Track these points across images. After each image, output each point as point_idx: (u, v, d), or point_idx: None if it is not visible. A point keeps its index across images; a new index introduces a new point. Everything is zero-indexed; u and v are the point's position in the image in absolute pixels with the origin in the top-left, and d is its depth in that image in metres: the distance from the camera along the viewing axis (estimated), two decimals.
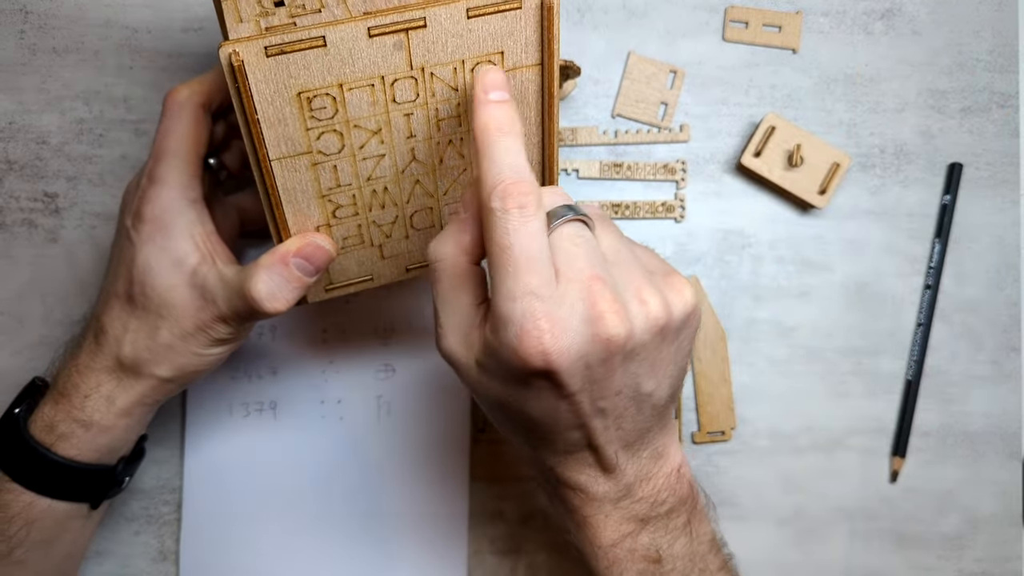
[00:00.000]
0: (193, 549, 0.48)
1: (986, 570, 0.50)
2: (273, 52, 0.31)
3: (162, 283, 0.37)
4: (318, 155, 0.35)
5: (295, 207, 0.36)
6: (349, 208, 0.37)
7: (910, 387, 0.50)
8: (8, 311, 0.48)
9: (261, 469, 0.48)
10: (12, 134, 0.49)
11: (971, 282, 0.51)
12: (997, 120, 0.51)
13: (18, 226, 0.49)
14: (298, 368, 0.49)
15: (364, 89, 0.33)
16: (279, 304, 0.36)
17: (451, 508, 0.48)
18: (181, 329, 0.38)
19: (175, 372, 0.39)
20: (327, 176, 0.36)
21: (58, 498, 0.39)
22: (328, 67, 0.32)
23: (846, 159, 0.49)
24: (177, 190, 0.37)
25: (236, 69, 0.31)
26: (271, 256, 0.36)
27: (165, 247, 0.37)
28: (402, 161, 0.36)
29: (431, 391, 0.49)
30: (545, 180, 0.38)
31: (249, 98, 0.32)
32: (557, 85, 0.35)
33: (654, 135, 0.50)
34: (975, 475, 0.50)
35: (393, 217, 0.38)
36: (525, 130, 0.36)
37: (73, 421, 0.38)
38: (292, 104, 0.33)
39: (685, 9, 0.51)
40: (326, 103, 0.33)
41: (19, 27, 0.49)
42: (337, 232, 0.38)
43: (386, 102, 0.34)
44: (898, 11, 0.51)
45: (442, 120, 0.36)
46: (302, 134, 0.34)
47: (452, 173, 0.38)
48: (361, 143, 0.35)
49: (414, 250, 0.40)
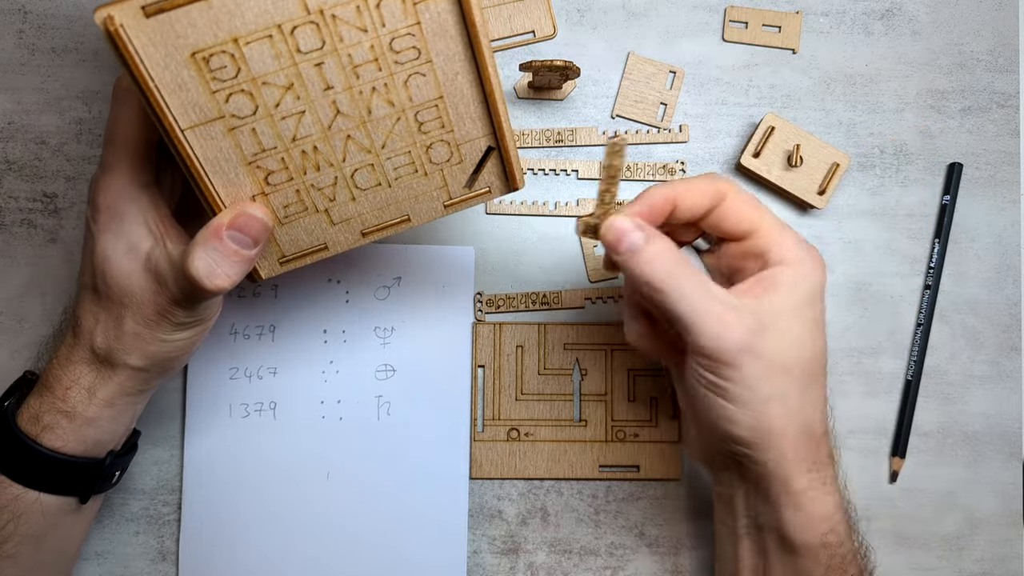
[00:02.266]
0: (193, 549, 0.48)
1: (986, 570, 0.50)
2: (152, 11, 0.29)
3: (119, 271, 0.37)
4: (232, 119, 0.33)
5: (223, 177, 0.34)
6: (281, 173, 0.35)
7: (910, 387, 0.50)
8: (8, 311, 0.48)
9: (261, 469, 0.48)
10: (11, 134, 0.49)
11: (971, 282, 0.51)
12: (997, 120, 0.51)
13: (18, 226, 0.49)
14: (298, 368, 0.49)
15: (262, 42, 0.31)
16: (220, 281, 0.35)
17: (451, 508, 0.48)
18: (143, 316, 0.37)
19: (146, 361, 0.38)
20: (248, 141, 0.33)
21: (45, 491, 0.39)
22: (216, 21, 0.30)
23: (845, 159, 0.49)
24: (127, 176, 0.37)
25: (113, 34, 0.29)
26: (204, 231, 0.35)
27: (120, 234, 0.37)
28: (325, 116, 0.34)
29: (431, 391, 0.49)
30: (492, 122, 0.36)
31: (136, 64, 0.30)
32: (478, 10, 0.32)
33: (653, 135, 0.50)
34: (975, 475, 0.50)
35: (332, 179, 0.36)
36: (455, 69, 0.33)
37: (57, 412, 0.38)
38: (188, 67, 0.31)
39: (685, 9, 0.51)
40: (225, 61, 0.31)
41: (18, 27, 0.49)
42: (275, 200, 0.36)
43: (290, 53, 0.32)
44: (898, 11, 0.51)
45: (358, 67, 0.33)
46: (208, 98, 0.32)
47: (386, 124, 0.35)
48: (275, 101, 0.33)
49: (365, 212, 0.37)
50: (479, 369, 0.49)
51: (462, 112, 0.35)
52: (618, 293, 0.50)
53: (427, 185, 0.37)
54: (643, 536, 0.49)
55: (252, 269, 0.37)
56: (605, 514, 0.49)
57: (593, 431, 0.49)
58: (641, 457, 0.49)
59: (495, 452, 0.49)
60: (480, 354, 0.49)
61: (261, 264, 0.37)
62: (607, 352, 0.49)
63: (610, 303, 0.50)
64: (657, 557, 0.49)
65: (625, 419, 0.49)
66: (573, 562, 0.49)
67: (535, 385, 0.49)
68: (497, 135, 0.36)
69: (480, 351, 0.49)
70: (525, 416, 0.49)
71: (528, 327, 0.49)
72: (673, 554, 0.49)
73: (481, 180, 0.38)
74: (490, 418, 0.49)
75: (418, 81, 0.34)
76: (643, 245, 0.36)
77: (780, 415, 0.36)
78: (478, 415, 0.49)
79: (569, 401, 0.49)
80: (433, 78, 0.34)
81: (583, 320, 0.50)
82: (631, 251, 0.36)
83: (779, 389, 0.36)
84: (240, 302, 0.49)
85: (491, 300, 0.49)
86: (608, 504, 0.49)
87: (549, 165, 0.50)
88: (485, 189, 0.38)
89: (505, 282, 0.50)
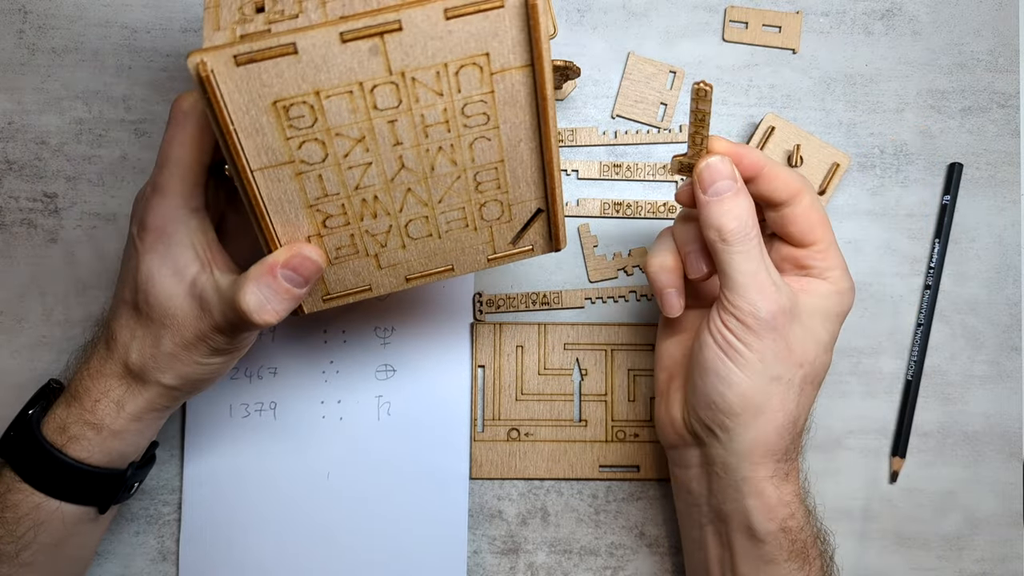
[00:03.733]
0: (193, 549, 0.48)
1: (986, 570, 0.50)
2: (243, 61, 0.30)
3: (163, 293, 0.37)
4: (301, 164, 0.34)
5: (282, 217, 0.35)
6: (339, 218, 0.36)
7: (910, 387, 0.50)
8: (8, 311, 0.48)
9: (261, 469, 0.48)
10: (11, 134, 0.49)
11: (971, 282, 0.51)
12: (997, 120, 0.51)
13: (18, 226, 0.49)
14: (298, 368, 0.49)
15: (342, 96, 0.32)
16: (268, 316, 0.35)
17: (451, 508, 0.48)
18: (182, 338, 0.37)
19: (179, 380, 0.39)
20: (313, 186, 0.35)
21: (67, 500, 0.39)
22: (302, 75, 0.31)
23: (845, 159, 0.49)
24: (179, 199, 0.37)
25: (204, 79, 0.30)
26: (259, 267, 0.35)
27: (166, 256, 0.37)
28: (390, 169, 0.35)
29: (431, 391, 0.49)
30: (546, 187, 0.38)
31: (221, 108, 0.31)
32: (550, 85, 0.34)
33: (654, 135, 0.50)
34: (975, 475, 0.50)
35: (387, 227, 0.37)
36: (519, 136, 0.35)
37: (84, 424, 0.38)
38: (268, 113, 0.32)
39: (685, 9, 0.51)
40: (304, 111, 0.32)
41: (18, 27, 0.49)
42: (329, 242, 0.37)
43: (367, 109, 0.33)
44: (898, 11, 0.51)
45: (429, 126, 0.34)
46: (282, 143, 0.33)
47: (446, 181, 0.36)
48: (345, 152, 0.34)
49: (412, 260, 0.39)
50: (479, 369, 0.49)
51: (519, 176, 0.37)
52: (618, 294, 0.50)
53: (475, 239, 0.38)
54: (643, 536, 0.49)
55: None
56: (605, 514, 0.49)
57: (593, 431, 0.49)
58: (641, 457, 0.49)
59: (495, 452, 0.49)
60: (480, 354, 0.49)
61: (305, 300, 0.38)
62: (607, 352, 0.49)
63: (610, 303, 0.50)
64: (657, 557, 0.49)
65: (625, 419, 0.49)
66: (573, 562, 0.49)
67: (535, 385, 0.49)
68: (548, 199, 0.38)
69: (480, 351, 0.49)
70: (525, 416, 0.49)
71: (528, 327, 0.49)
72: (673, 554, 0.49)
73: (526, 238, 0.39)
74: (490, 418, 0.49)
75: (483, 145, 0.35)
76: (730, 194, 0.37)
77: (778, 397, 0.38)
78: (478, 415, 0.49)
79: (569, 401, 0.49)
80: (498, 143, 0.35)
81: (583, 320, 0.50)
82: (717, 194, 0.37)
83: (788, 375, 0.38)
84: None
85: (491, 300, 0.49)
86: (608, 504, 0.49)
87: None
88: (528, 247, 0.40)
89: (505, 282, 0.50)
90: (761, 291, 0.37)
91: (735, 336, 0.38)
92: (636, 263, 0.50)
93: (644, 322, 0.50)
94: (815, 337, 0.39)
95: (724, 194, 0.37)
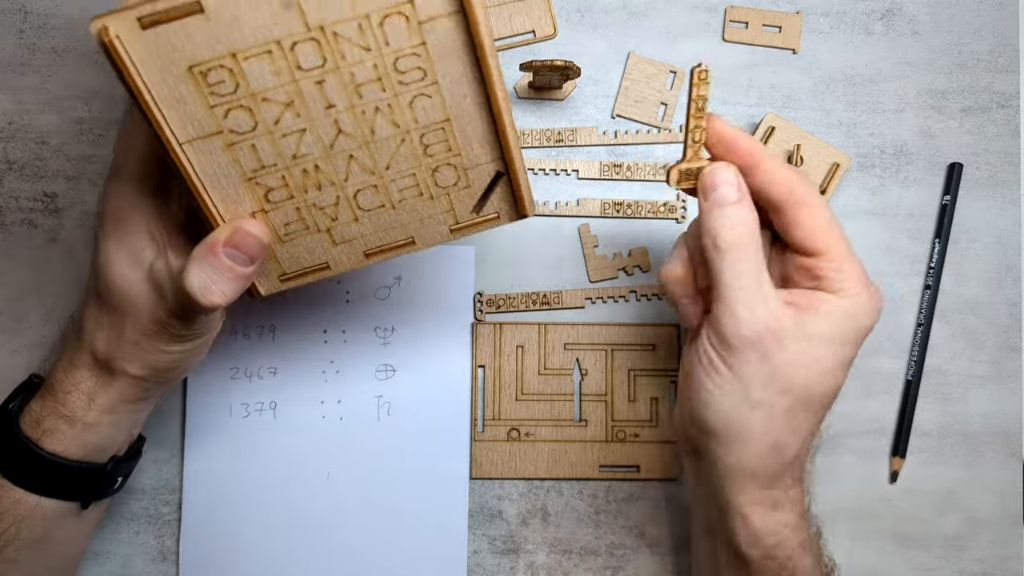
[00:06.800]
0: (193, 549, 0.48)
1: (986, 570, 0.50)
2: (147, 23, 0.29)
3: (121, 279, 0.37)
4: (231, 135, 0.32)
5: (221, 193, 0.34)
6: (282, 191, 0.34)
7: (910, 387, 0.50)
8: (8, 311, 0.48)
9: (261, 469, 0.48)
10: (12, 134, 0.49)
11: (971, 282, 0.51)
12: (997, 120, 0.51)
13: (18, 226, 0.49)
14: (298, 368, 0.49)
15: (261, 57, 0.30)
16: (215, 297, 0.34)
17: (451, 508, 0.48)
18: (143, 326, 0.37)
19: (146, 370, 0.38)
20: (247, 157, 0.33)
21: (46, 495, 0.38)
22: (214, 36, 0.29)
23: (846, 159, 0.49)
24: (135, 184, 0.36)
25: (108, 46, 0.29)
26: (201, 247, 0.34)
27: (123, 243, 0.37)
28: (327, 135, 0.33)
29: (431, 391, 0.49)
30: (501, 147, 0.35)
31: (132, 77, 0.30)
32: (486, 32, 0.31)
33: (654, 135, 0.50)
34: (975, 475, 0.50)
35: (334, 198, 0.35)
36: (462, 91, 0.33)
37: (58, 417, 0.38)
38: (186, 81, 0.30)
39: (685, 9, 0.51)
40: (223, 76, 0.30)
41: (18, 27, 0.49)
42: (276, 218, 0.35)
43: (290, 70, 0.31)
44: (898, 11, 0.51)
45: (361, 86, 0.32)
46: (206, 112, 0.31)
47: (389, 145, 0.34)
48: (275, 118, 0.32)
49: (368, 234, 0.37)
50: (479, 369, 0.49)
51: (470, 136, 0.34)
52: (619, 294, 0.50)
53: (433, 208, 0.36)
54: (643, 536, 0.49)
55: (252, 286, 0.37)
56: (605, 514, 0.49)
57: (593, 431, 0.49)
58: (641, 457, 0.49)
59: (495, 452, 0.49)
60: (480, 354, 0.49)
61: (260, 281, 0.37)
62: (607, 352, 0.49)
63: (610, 303, 0.50)
64: (657, 557, 0.49)
65: (625, 419, 0.49)
66: (573, 562, 0.49)
67: (535, 385, 0.49)
68: (506, 160, 0.35)
69: (480, 351, 0.49)
70: (525, 416, 0.49)
71: (528, 327, 0.49)
72: (673, 554, 0.49)
73: (489, 206, 0.37)
74: (490, 418, 0.49)
75: (424, 103, 0.33)
76: (730, 204, 0.36)
77: (758, 423, 0.36)
78: (478, 415, 0.49)
79: (569, 401, 0.49)
80: (440, 100, 0.33)
81: (583, 320, 0.50)
82: (717, 203, 0.36)
83: (770, 401, 0.36)
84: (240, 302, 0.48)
85: (491, 300, 0.49)
86: (608, 504, 0.49)
87: (549, 165, 0.50)
88: (493, 215, 0.37)
89: (505, 282, 0.50)
90: (748, 306, 0.35)
91: (716, 353, 0.36)
92: (636, 263, 0.50)
93: (644, 322, 0.50)
94: (814, 362, 0.36)
95: (725, 202, 0.36)
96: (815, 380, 0.36)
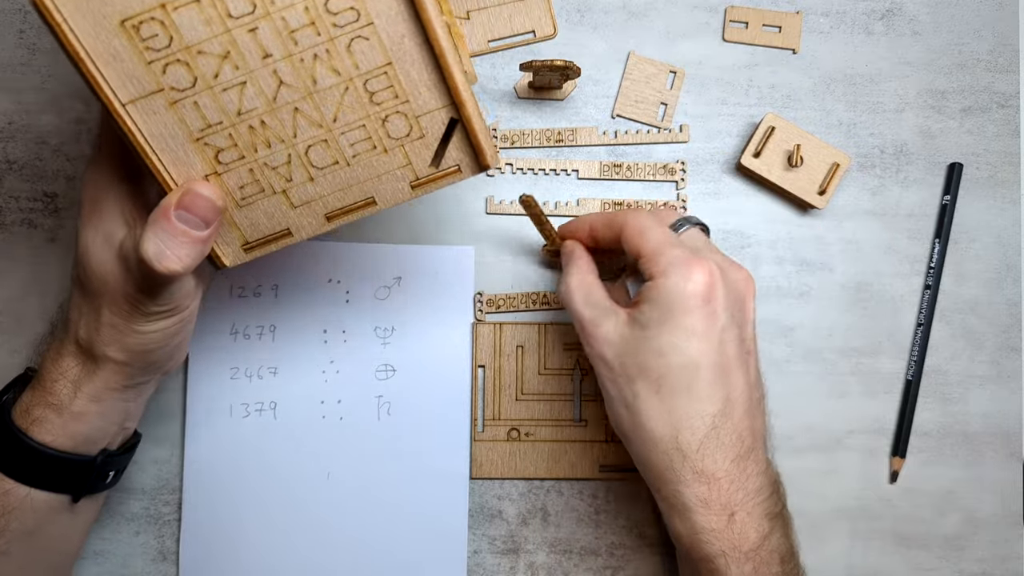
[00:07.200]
0: (193, 549, 0.48)
1: (986, 570, 0.50)
2: None
3: (96, 261, 0.37)
4: (172, 92, 0.31)
5: (171, 156, 0.33)
6: (232, 151, 0.33)
7: (910, 387, 0.50)
8: (8, 311, 0.48)
9: (261, 469, 0.48)
10: (12, 134, 0.49)
11: (971, 282, 0.51)
12: (997, 120, 0.51)
13: (18, 226, 0.49)
14: (298, 368, 0.49)
15: (190, 7, 0.29)
16: (171, 263, 0.33)
17: (451, 508, 0.48)
18: (118, 307, 0.37)
19: (125, 354, 0.38)
20: (192, 115, 0.32)
21: (35, 486, 0.38)
22: None
23: (846, 159, 0.49)
24: (110, 169, 0.36)
25: (38, 3, 0.28)
26: (155, 212, 0.34)
27: (99, 227, 0.37)
28: (268, 88, 0.32)
29: (431, 391, 0.49)
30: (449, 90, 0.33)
31: (65, 34, 0.29)
32: None
33: (654, 135, 0.50)
34: (975, 475, 0.50)
35: (286, 156, 0.34)
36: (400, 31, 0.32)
37: (45, 406, 0.38)
38: (119, 36, 0.30)
39: (685, 9, 0.51)
40: (156, 29, 0.30)
41: (18, 27, 0.49)
42: (230, 180, 0.34)
43: (221, 19, 0.30)
44: (898, 11, 0.51)
45: (295, 31, 0.31)
46: (144, 69, 0.30)
47: (334, 94, 0.32)
48: (214, 72, 0.31)
49: (326, 195, 0.35)
50: (479, 369, 0.49)
51: (415, 79, 0.33)
52: None
53: (389, 163, 0.35)
54: (643, 536, 0.49)
55: (215, 255, 0.36)
56: (605, 514, 0.49)
57: (593, 431, 0.49)
58: None
59: (495, 452, 0.49)
60: (480, 354, 0.49)
61: (224, 251, 0.36)
62: None
63: None
64: (657, 557, 0.49)
65: None
66: (573, 562, 0.49)
67: (535, 385, 0.49)
68: (456, 104, 0.33)
69: (480, 351, 0.49)
70: (525, 416, 0.49)
71: (528, 327, 0.49)
72: (673, 554, 0.49)
73: (448, 158, 0.35)
74: (490, 418, 0.49)
75: (362, 46, 0.32)
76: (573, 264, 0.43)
77: (628, 418, 0.39)
78: (478, 415, 0.49)
79: (569, 401, 0.49)
80: (377, 42, 0.32)
81: None
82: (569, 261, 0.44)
83: (631, 393, 0.39)
84: (240, 302, 0.49)
85: (491, 300, 0.49)
86: (608, 504, 0.49)
87: (549, 165, 0.50)
88: (454, 167, 0.35)
89: (505, 282, 0.50)
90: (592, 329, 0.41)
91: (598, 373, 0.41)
92: None
93: None
94: (655, 346, 0.38)
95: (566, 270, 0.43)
96: (663, 357, 0.38)
